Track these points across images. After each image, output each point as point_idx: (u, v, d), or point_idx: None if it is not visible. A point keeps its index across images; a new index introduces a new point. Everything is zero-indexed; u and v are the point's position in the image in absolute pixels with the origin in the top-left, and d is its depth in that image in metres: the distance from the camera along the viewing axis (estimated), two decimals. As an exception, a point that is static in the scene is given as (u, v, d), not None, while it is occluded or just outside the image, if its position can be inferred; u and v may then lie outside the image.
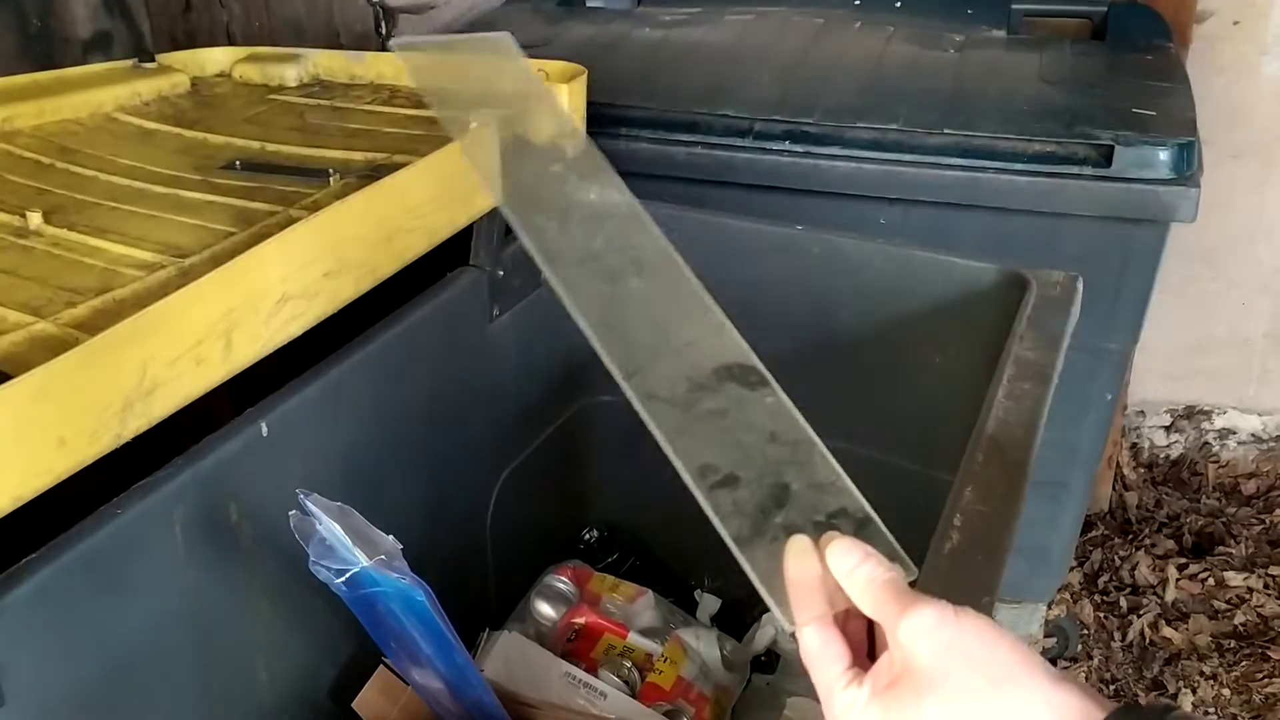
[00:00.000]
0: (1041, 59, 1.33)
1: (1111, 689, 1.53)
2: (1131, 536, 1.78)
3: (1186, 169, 1.09)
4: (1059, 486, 1.28)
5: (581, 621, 1.04)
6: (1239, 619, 1.63)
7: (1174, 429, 1.94)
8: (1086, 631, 1.62)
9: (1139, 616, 1.63)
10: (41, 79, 0.99)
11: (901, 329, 1.00)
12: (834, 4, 1.54)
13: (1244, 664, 1.56)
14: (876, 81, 1.29)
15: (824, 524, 0.53)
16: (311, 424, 0.79)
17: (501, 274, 0.97)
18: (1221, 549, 1.75)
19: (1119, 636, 1.61)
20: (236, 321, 0.67)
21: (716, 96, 1.24)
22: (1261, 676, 1.53)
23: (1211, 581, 1.69)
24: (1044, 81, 1.26)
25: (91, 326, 0.62)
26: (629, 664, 0.99)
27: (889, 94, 1.23)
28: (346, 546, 0.66)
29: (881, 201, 1.17)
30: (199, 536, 0.70)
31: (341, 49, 1.37)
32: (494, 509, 1.06)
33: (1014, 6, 1.49)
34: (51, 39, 1.11)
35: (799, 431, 0.57)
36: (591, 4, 1.64)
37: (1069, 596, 1.67)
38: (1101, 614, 1.65)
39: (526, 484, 1.09)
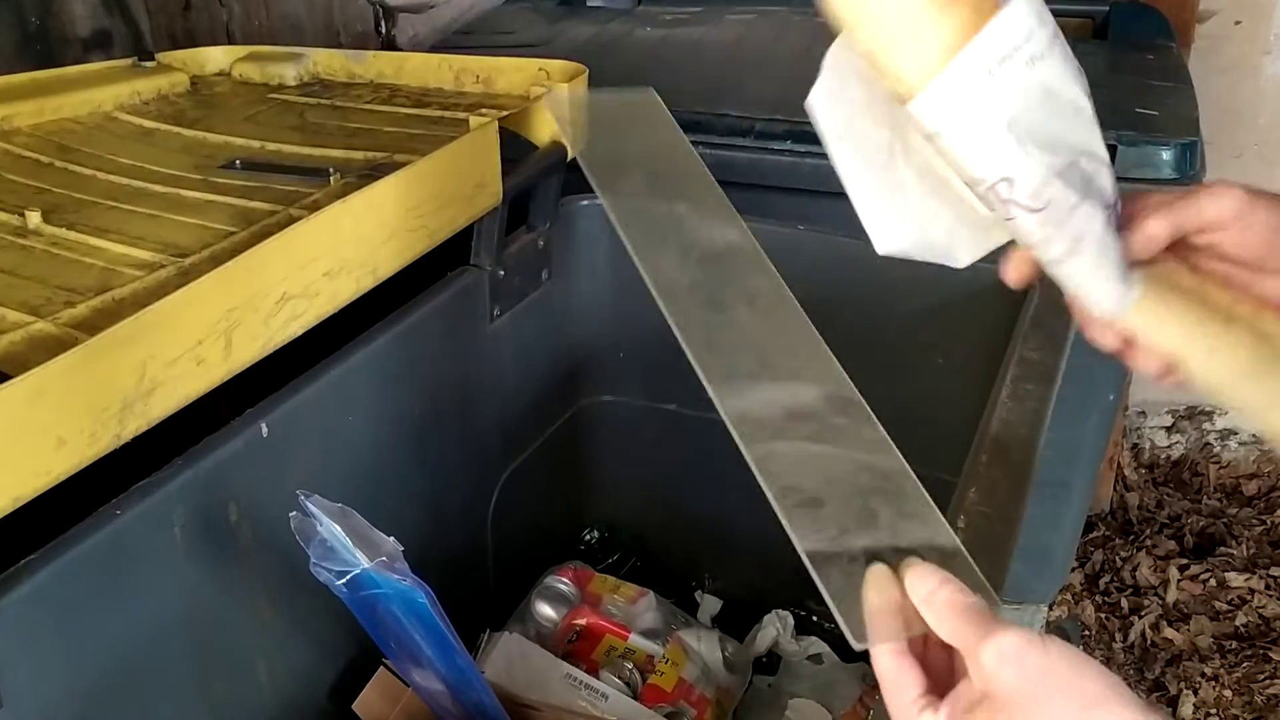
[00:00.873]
0: (1043, 59, 1.33)
1: (1113, 690, 1.52)
2: (1133, 537, 1.78)
3: (1189, 169, 1.09)
4: (1061, 487, 1.27)
5: (582, 623, 1.03)
6: (1240, 620, 1.62)
7: (1175, 429, 1.94)
8: (1088, 632, 1.61)
9: (1140, 617, 1.63)
10: (40, 77, 0.98)
11: (904, 329, 0.99)
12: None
13: (1245, 665, 1.55)
14: (878, 81, 1.28)
15: (906, 550, 0.52)
16: (311, 424, 0.79)
17: (502, 274, 0.97)
18: (1223, 550, 1.74)
19: (1120, 637, 1.61)
20: (236, 321, 0.66)
21: (717, 96, 1.24)
22: (1263, 677, 1.53)
23: (1213, 582, 1.69)
24: (1046, 81, 1.25)
25: (91, 326, 0.62)
26: (630, 665, 0.99)
27: (890, 94, 1.23)
28: (347, 548, 0.66)
29: (883, 201, 1.17)
30: (199, 537, 0.70)
31: (341, 48, 1.37)
32: (495, 509, 1.05)
33: (1016, 6, 1.49)
34: (50, 37, 1.11)
35: (893, 463, 0.56)
36: (591, 4, 1.64)
37: (1070, 597, 1.67)
38: (1103, 615, 1.64)
39: (527, 484, 1.09)
